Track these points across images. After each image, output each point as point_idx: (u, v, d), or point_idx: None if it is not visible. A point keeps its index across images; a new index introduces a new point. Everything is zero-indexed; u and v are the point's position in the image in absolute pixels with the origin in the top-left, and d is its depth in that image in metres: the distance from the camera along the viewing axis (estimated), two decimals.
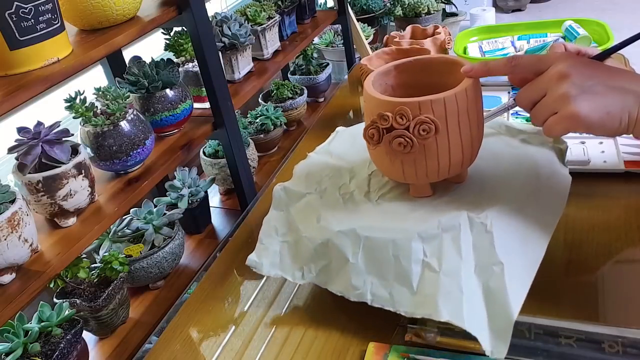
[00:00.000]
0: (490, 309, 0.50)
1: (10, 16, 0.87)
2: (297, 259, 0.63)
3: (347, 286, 0.58)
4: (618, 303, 0.58)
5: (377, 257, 0.57)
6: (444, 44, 1.03)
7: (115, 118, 1.10)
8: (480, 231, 0.54)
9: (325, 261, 0.61)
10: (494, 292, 0.50)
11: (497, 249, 0.52)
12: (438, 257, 0.54)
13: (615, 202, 0.71)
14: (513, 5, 3.75)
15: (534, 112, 0.53)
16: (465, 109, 0.55)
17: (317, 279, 0.62)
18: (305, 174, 0.72)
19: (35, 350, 0.96)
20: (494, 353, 0.47)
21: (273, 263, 0.65)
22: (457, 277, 0.52)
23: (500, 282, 0.50)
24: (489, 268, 0.52)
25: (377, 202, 0.64)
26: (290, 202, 0.69)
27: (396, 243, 0.56)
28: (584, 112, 0.48)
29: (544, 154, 0.65)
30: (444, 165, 0.58)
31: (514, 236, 0.54)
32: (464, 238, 0.54)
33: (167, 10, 1.16)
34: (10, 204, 0.87)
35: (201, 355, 0.62)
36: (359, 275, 0.57)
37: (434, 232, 0.55)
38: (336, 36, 2.58)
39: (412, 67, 0.65)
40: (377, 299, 0.56)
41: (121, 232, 1.29)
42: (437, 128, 0.54)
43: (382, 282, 0.56)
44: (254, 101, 1.98)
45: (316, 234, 0.62)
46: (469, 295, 0.51)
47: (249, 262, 0.66)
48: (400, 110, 0.55)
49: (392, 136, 0.56)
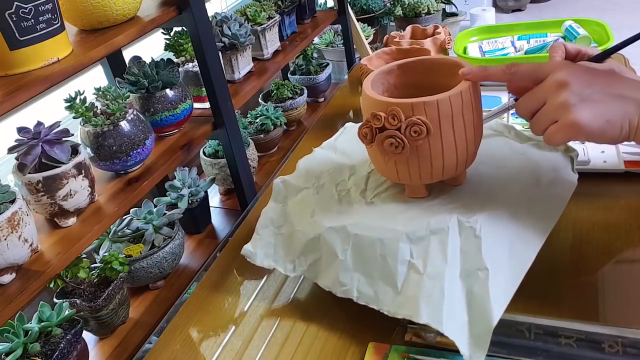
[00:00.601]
0: (472, 314, 0.50)
1: (10, 16, 0.87)
2: (290, 252, 0.65)
3: (335, 282, 0.59)
4: (618, 303, 0.58)
5: (364, 255, 0.57)
6: (444, 44, 1.02)
7: (115, 118, 1.10)
8: (469, 235, 0.54)
9: (316, 256, 0.62)
10: (477, 298, 0.50)
11: (483, 254, 0.52)
12: (424, 259, 0.54)
13: (615, 202, 0.71)
14: (513, 5, 3.75)
15: (534, 121, 0.53)
16: (459, 112, 0.55)
17: (307, 273, 0.63)
18: (306, 168, 0.73)
19: (35, 350, 0.96)
20: (472, 358, 0.48)
21: (267, 254, 0.66)
22: (440, 280, 0.52)
23: (483, 287, 0.50)
24: (474, 273, 0.52)
25: (372, 201, 0.64)
26: (289, 195, 0.70)
27: (384, 242, 0.56)
28: (584, 121, 0.48)
29: (550, 160, 0.65)
30: (437, 168, 0.57)
31: (503, 242, 0.54)
32: (451, 241, 0.54)
33: (167, 10, 1.16)
34: (10, 204, 0.87)
35: (201, 355, 0.62)
36: (347, 271, 0.58)
37: (422, 234, 0.55)
38: (336, 36, 2.58)
39: (415, 67, 0.65)
40: (362, 296, 0.57)
41: (121, 232, 1.29)
42: (429, 130, 0.54)
43: (369, 280, 0.57)
44: (254, 101, 1.98)
45: (309, 229, 0.63)
46: (451, 299, 0.51)
47: (244, 251, 0.67)
48: (392, 110, 0.55)
49: (384, 136, 0.56)
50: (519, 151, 0.67)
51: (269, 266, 0.65)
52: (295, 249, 0.64)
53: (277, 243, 0.66)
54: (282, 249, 0.66)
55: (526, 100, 0.53)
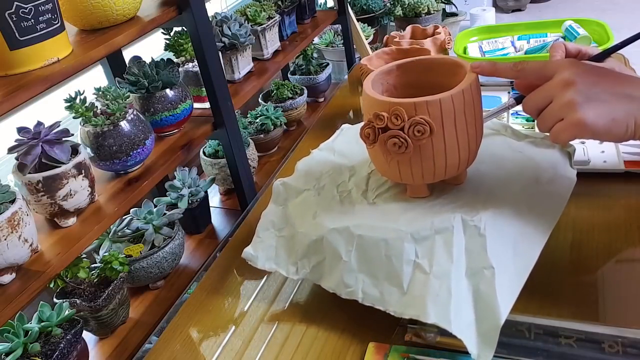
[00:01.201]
0: (479, 312, 0.50)
1: (10, 16, 0.87)
2: (292, 254, 0.64)
3: (339, 283, 0.58)
4: (618, 303, 0.58)
5: (369, 256, 0.57)
6: (444, 44, 1.02)
7: (115, 118, 1.10)
8: (473, 234, 0.54)
9: (319, 258, 0.61)
10: (483, 296, 0.50)
11: (489, 252, 0.52)
12: (429, 258, 0.54)
13: (615, 202, 0.71)
14: (513, 5, 3.75)
15: (540, 119, 0.53)
16: (462, 110, 0.55)
17: (310, 275, 0.62)
18: (306, 170, 0.72)
19: (35, 350, 0.96)
20: (480, 356, 0.48)
21: (268, 257, 0.66)
22: (447, 280, 0.52)
23: (490, 286, 0.50)
24: (479, 271, 0.52)
25: (374, 202, 0.64)
26: (289, 198, 0.69)
27: (388, 243, 0.56)
28: (590, 119, 0.49)
29: (548, 157, 0.65)
30: (440, 167, 0.57)
31: (507, 240, 0.54)
32: (456, 240, 0.54)
33: (167, 10, 1.16)
34: (10, 204, 0.87)
35: (201, 355, 0.62)
36: (351, 273, 0.58)
37: (427, 234, 0.55)
38: (336, 36, 2.58)
39: (415, 67, 0.65)
40: (367, 297, 0.56)
41: (121, 232, 1.29)
42: (432, 129, 0.54)
43: (374, 281, 0.56)
44: (254, 101, 1.98)
45: (311, 230, 0.63)
46: (458, 298, 0.51)
47: (245, 254, 0.67)
48: (395, 110, 0.55)
49: (387, 136, 0.56)
50: (517, 149, 0.67)
51: (271, 269, 0.65)
52: (297, 251, 0.63)
53: (278, 246, 0.66)
54: (284, 251, 0.65)
55: (533, 98, 0.54)
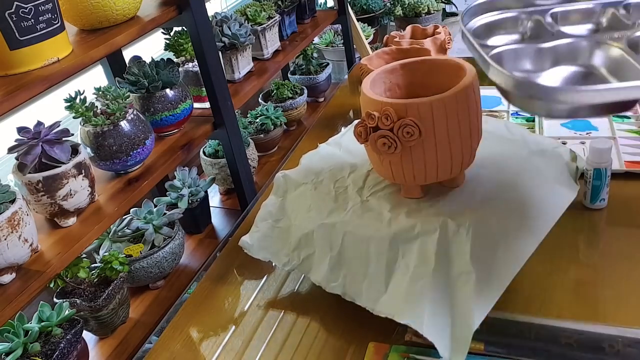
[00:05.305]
0: (454, 316, 0.50)
1: (10, 16, 0.87)
2: (286, 245, 0.65)
3: (325, 277, 0.60)
4: (618, 303, 0.58)
5: (354, 253, 0.58)
6: (444, 43, 1.02)
7: (115, 118, 1.10)
8: (457, 239, 0.54)
9: (309, 250, 0.63)
10: (460, 301, 0.50)
11: (470, 257, 0.52)
12: (411, 259, 0.54)
13: (616, 202, 0.71)
14: None
15: None
16: (454, 114, 0.54)
17: (300, 267, 0.63)
18: (308, 164, 0.73)
19: (35, 350, 0.96)
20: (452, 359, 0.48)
21: (263, 246, 0.67)
22: (425, 282, 0.52)
23: (467, 291, 0.50)
24: (459, 276, 0.52)
25: (367, 199, 0.64)
26: (288, 190, 0.70)
27: (373, 241, 0.56)
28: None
29: (554, 169, 0.65)
30: (431, 169, 0.57)
31: (491, 248, 0.54)
32: (439, 243, 0.54)
33: (167, 10, 1.16)
34: (10, 204, 0.87)
35: (201, 355, 0.62)
36: (337, 268, 0.59)
37: (410, 235, 0.55)
38: (336, 36, 2.58)
39: (419, 68, 0.65)
40: (349, 293, 0.57)
41: (121, 232, 1.29)
42: (421, 132, 0.54)
43: (356, 277, 0.57)
44: (254, 101, 1.98)
45: (304, 223, 0.64)
46: (434, 301, 0.51)
47: (242, 242, 0.68)
48: (385, 110, 0.55)
49: (377, 136, 0.56)
50: (523, 157, 0.67)
51: (265, 258, 0.66)
52: (290, 242, 0.64)
53: (273, 236, 0.67)
54: (279, 242, 0.66)
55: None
